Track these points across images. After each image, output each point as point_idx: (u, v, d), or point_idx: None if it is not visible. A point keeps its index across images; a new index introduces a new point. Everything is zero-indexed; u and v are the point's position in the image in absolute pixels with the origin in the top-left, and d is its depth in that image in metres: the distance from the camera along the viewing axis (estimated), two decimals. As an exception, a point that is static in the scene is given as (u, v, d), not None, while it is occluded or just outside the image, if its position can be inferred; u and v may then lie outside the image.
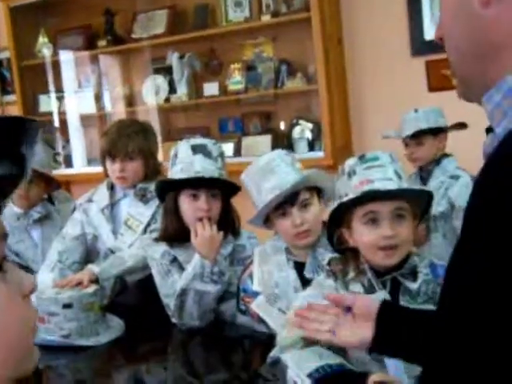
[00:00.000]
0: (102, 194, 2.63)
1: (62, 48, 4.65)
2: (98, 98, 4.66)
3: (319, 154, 3.76)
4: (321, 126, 3.78)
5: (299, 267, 1.92)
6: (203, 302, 2.09)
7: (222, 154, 2.20)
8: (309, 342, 1.48)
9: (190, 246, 2.18)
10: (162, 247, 2.22)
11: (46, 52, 4.69)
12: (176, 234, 2.21)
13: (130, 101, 4.52)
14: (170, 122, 4.46)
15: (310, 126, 3.92)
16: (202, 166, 2.12)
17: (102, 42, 4.46)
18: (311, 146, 3.88)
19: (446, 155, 2.98)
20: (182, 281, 2.10)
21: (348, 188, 1.54)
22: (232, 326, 2.09)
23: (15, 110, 4.78)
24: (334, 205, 1.57)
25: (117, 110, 4.57)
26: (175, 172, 2.16)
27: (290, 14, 3.82)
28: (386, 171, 1.52)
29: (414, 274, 1.56)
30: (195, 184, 2.14)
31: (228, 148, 4.12)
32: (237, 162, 3.84)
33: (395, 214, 1.53)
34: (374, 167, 1.52)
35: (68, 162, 4.77)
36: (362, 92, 3.84)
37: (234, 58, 4.11)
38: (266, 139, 4.01)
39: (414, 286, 1.54)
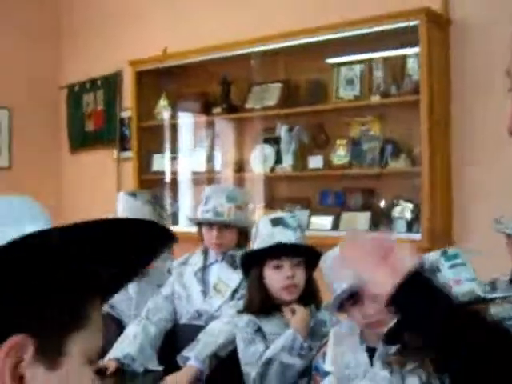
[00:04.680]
0: (196, 258, 2.76)
1: (179, 111, 4.91)
2: (210, 159, 4.85)
3: (416, 236, 3.73)
4: (421, 208, 3.77)
5: (372, 352, 1.93)
6: (286, 375, 2.13)
7: (300, 226, 2.29)
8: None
9: (275, 318, 2.24)
10: (248, 316, 2.29)
11: (165, 114, 4.96)
12: (261, 305, 2.28)
13: (239, 166, 4.67)
14: (274, 191, 4.57)
15: (411, 206, 3.91)
16: (282, 236, 2.21)
17: (217, 109, 4.67)
18: (410, 227, 3.86)
19: None
20: (270, 350, 2.16)
21: None
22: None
23: (130, 167, 5.06)
24: None
25: (226, 174, 4.74)
26: (256, 245, 2.26)
27: (399, 95, 3.88)
28: (469, 271, 1.54)
29: None
30: (277, 254, 2.22)
31: (327, 221, 4.18)
32: (334, 235, 3.89)
33: None
34: (457, 266, 1.53)
35: (174, 220, 4.95)
36: (467, 177, 3.80)
37: (341, 133, 4.19)
38: (366, 216, 4.03)
39: None
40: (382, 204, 4.08)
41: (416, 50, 3.76)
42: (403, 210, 3.95)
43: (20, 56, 5.59)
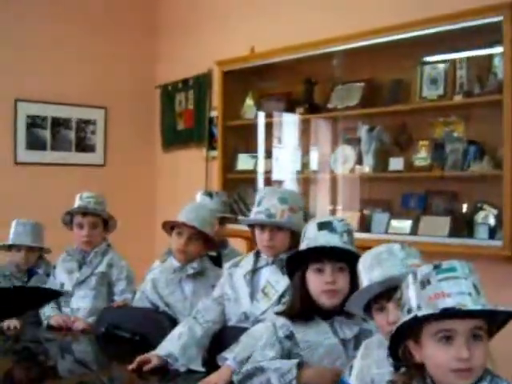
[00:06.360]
0: (248, 261, 2.74)
1: (264, 111, 4.91)
2: (294, 160, 4.81)
3: (497, 243, 3.53)
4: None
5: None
6: None
7: (348, 231, 2.20)
8: None
9: (312, 326, 2.19)
10: (283, 319, 2.25)
11: (251, 114, 4.97)
12: (301, 308, 2.23)
13: (321, 166, 4.62)
14: (354, 192, 4.47)
15: (495, 211, 3.71)
16: (325, 240, 2.15)
17: (300, 109, 4.64)
18: (493, 234, 3.66)
19: None
20: (268, 361, 2.13)
21: (421, 299, 1.45)
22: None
23: (216, 166, 5.12)
24: (406, 316, 1.47)
25: (308, 174, 4.69)
26: (301, 247, 2.21)
27: (482, 95, 3.69)
28: (463, 284, 1.42)
29: None
30: (319, 257, 2.17)
31: (406, 225, 4.04)
32: (412, 240, 3.74)
33: (472, 333, 1.42)
34: (450, 279, 1.42)
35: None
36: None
37: (423, 134, 4.04)
38: (446, 221, 3.86)
39: None
40: (465, 208, 3.90)
41: (501, 48, 3.56)
42: (487, 216, 3.75)
43: (118, 57, 5.79)
